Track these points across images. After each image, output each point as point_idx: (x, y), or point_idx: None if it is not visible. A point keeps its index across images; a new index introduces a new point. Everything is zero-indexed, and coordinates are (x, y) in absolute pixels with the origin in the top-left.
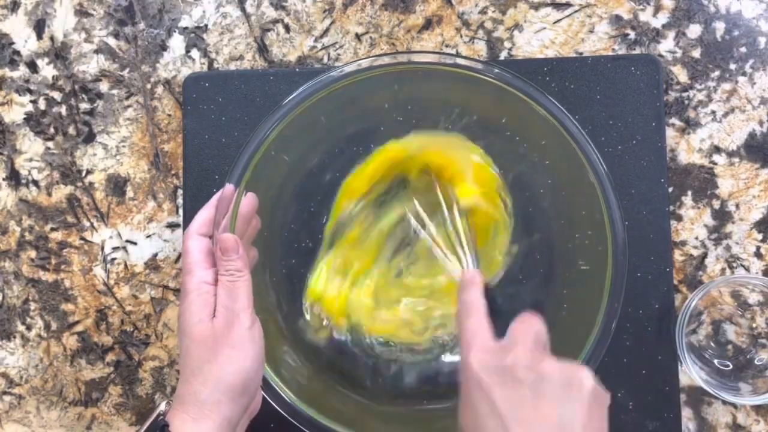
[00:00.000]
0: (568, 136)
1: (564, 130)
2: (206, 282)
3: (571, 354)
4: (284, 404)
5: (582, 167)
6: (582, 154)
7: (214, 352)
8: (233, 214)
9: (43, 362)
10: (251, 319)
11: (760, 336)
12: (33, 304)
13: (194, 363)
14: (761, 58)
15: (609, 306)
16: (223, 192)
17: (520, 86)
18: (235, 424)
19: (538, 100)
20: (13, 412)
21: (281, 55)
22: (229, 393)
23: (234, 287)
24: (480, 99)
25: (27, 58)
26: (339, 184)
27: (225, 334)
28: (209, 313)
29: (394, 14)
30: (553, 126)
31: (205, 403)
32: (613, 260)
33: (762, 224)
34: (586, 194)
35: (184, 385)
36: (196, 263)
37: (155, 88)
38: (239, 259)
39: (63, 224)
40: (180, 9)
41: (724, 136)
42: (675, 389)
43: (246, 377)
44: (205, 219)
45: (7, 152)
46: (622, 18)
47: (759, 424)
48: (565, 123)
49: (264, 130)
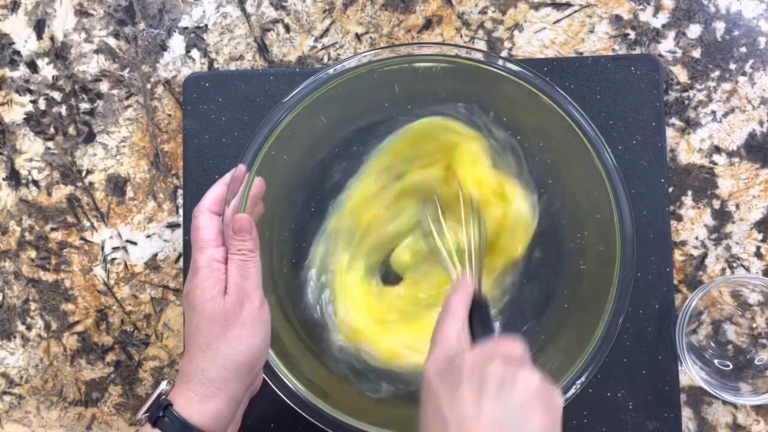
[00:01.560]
0: (576, 126)
1: (572, 122)
2: (217, 260)
3: (577, 351)
4: (289, 392)
5: (590, 159)
6: (591, 149)
7: (224, 329)
8: (244, 196)
9: (43, 362)
10: (261, 299)
11: (760, 336)
12: (33, 304)
13: (203, 340)
14: (761, 58)
15: (616, 302)
16: (236, 172)
17: (530, 79)
18: (239, 401)
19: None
20: (13, 412)
21: (281, 55)
22: (236, 371)
23: (246, 266)
24: (484, 90)
25: (27, 58)
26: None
27: (236, 312)
28: (221, 290)
29: (394, 14)
30: (562, 119)
31: (214, 381)
32: (621, 258)
33: (762, 224)
34: (594, 193)
35: (190, 362)
36: (208, 240)
37: (155, 88)
38: (252, 239)
39: (63, 224)
40: (180, 9)
41: (724, 136)
42: (675, 389)
43: (254, 356)
44: (216, 197)
45: (7, 152)
46: (622, 18)
47: (759, 424)
48: (573, 113)
49: (279, 112)
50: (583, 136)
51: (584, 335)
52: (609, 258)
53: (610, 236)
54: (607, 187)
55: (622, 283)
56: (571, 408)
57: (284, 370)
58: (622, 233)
